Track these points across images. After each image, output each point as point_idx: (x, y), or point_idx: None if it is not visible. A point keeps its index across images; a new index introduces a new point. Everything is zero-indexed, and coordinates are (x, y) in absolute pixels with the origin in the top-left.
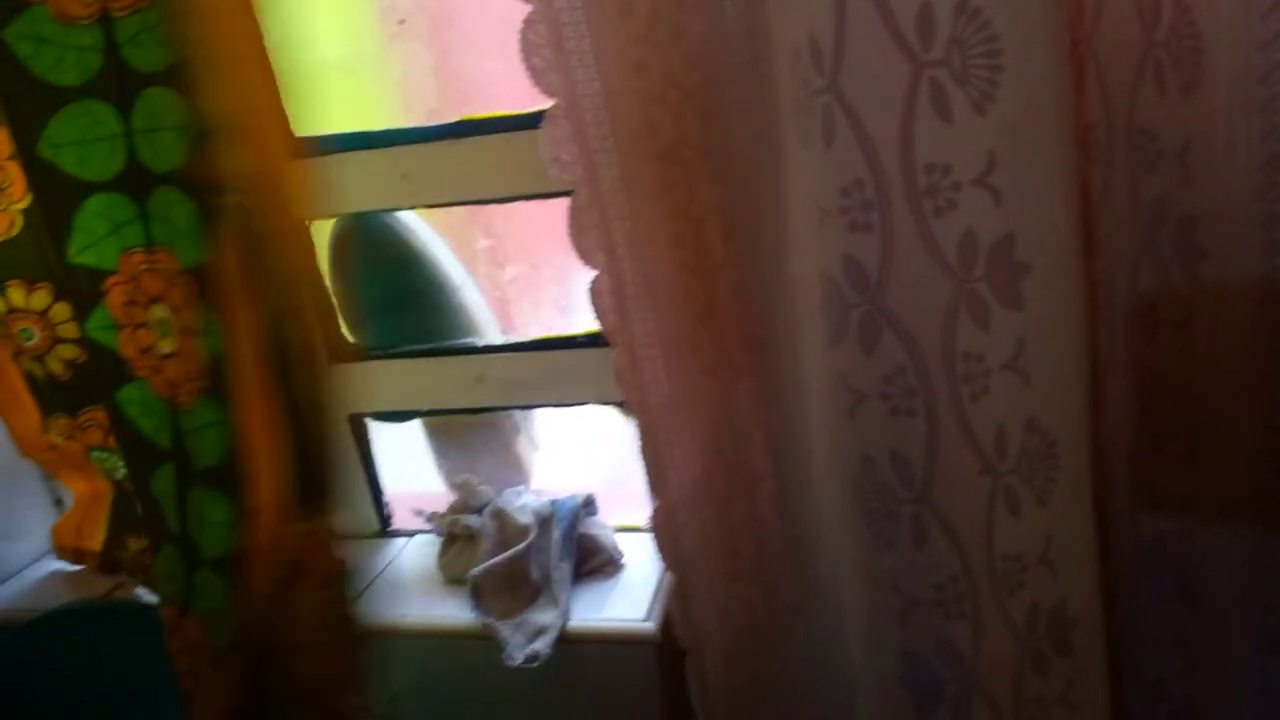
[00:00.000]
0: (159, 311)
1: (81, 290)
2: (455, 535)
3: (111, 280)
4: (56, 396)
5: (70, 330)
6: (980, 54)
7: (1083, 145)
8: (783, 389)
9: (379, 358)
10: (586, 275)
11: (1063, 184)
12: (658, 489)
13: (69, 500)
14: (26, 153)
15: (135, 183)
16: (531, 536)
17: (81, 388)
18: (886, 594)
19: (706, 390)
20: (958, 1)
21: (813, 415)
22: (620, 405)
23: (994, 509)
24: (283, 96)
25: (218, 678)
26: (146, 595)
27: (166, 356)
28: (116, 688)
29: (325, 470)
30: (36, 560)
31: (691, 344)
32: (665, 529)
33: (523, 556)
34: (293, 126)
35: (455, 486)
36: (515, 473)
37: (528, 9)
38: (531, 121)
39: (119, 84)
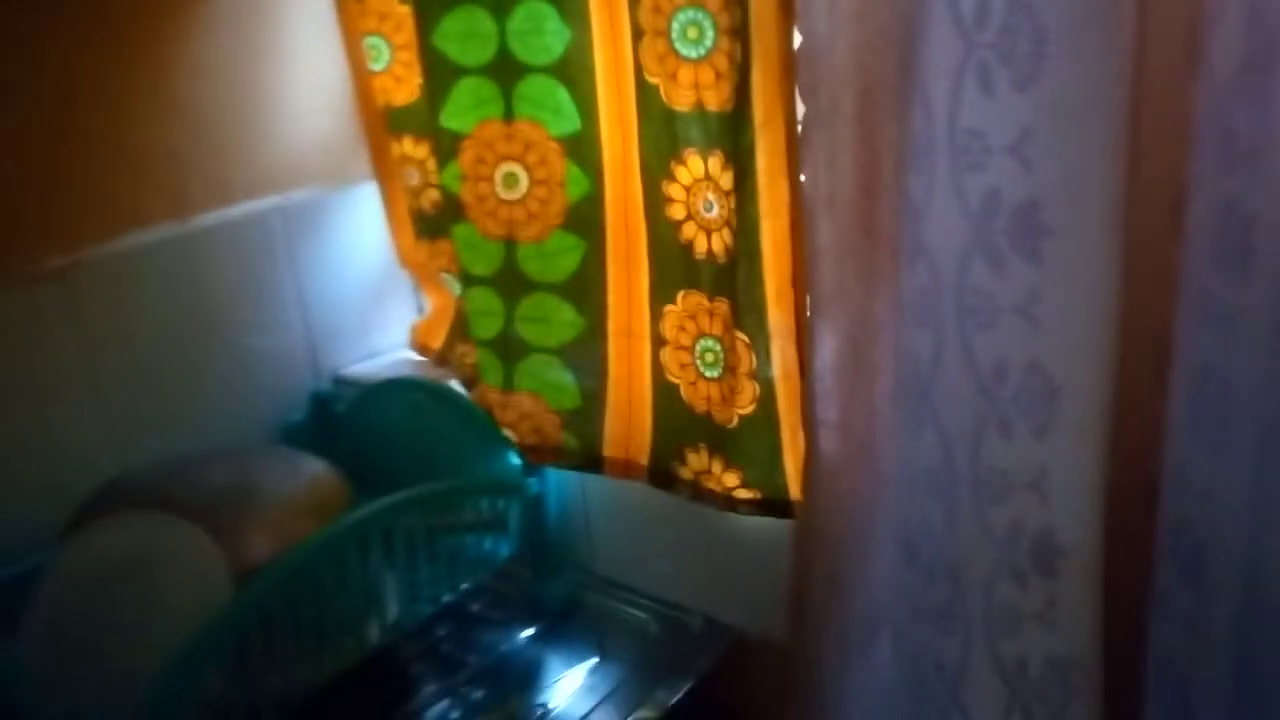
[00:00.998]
0: (507, 167)
1: (444, 147)
2: None
3: (466, 142)
4: (423, 225)
5: (435, 178)
6: (1028, 40)
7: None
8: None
9: None
10: None
11: (1099, 163)
12: (813, 367)
13: (426, 308)
14: (425, 40)
15: (502, 70)
16: None
17: (437, 221)
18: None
19: (855, 293)
20: None
21: None
22: None
23: (984, 428)
24: None
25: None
26: (458, 386)
27: (507, 202)
28: (425, 441)
29: None
30: (396, 349)
31: (852, 250)
32: (812, 398)
33: None
34: None
35: None
36: None
37: None
38: None
39: None
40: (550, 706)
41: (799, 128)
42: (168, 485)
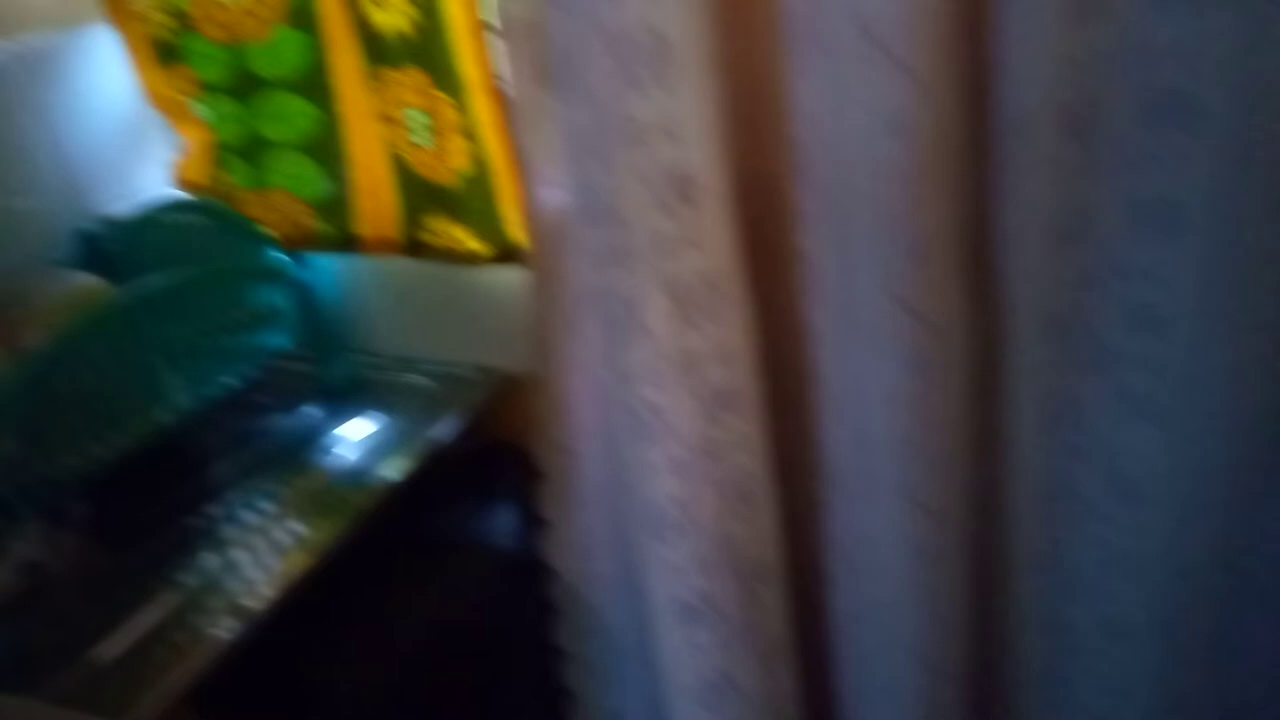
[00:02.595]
0: None
1: None
2: None
3: None
4: (163, 52)
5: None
6: None
7: None
8: None
9: None
10: None
11: None
12: None
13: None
14: None
15: None
16: None
17: (172, 46)
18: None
19: None
20: None
21: None
22: None
23: (619, 83)
24: None
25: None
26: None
27: (230, 7)
28: (194, 256)
29: None
30: (161, 190)
31: None
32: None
33: None
34: None
35: None
36: None
37: None
38: None
39: None
40: (342, 464)
41: None
42: None
